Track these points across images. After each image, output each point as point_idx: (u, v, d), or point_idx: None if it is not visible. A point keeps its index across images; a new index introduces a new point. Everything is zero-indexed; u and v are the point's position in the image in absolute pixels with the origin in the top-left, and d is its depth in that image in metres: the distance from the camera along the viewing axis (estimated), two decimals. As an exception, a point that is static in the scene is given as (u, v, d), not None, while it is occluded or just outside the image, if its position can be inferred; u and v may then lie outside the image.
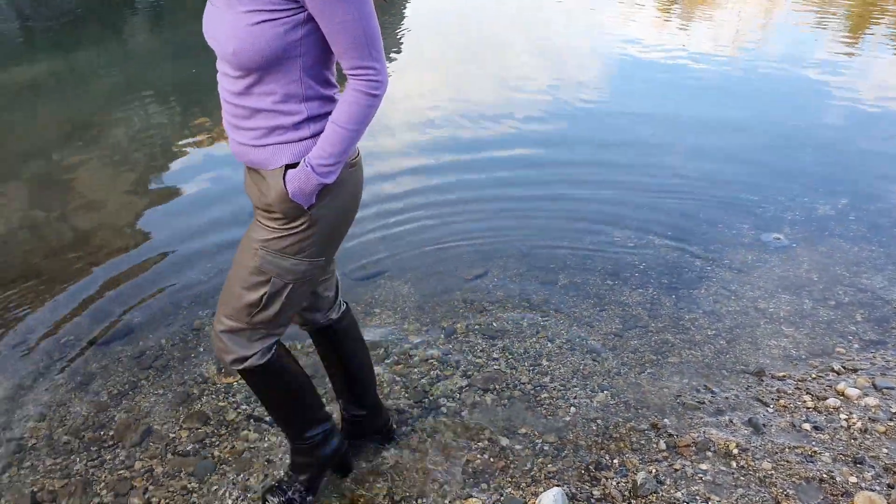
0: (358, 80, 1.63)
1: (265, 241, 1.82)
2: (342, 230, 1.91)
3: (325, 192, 1.76)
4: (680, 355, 3.03)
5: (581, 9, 12.51)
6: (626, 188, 4.66)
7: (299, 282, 1.89)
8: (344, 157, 1.71)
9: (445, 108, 6.65)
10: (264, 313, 1.90)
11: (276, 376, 2.05)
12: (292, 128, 1.71)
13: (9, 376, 3.12)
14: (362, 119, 1.67)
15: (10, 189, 5.17)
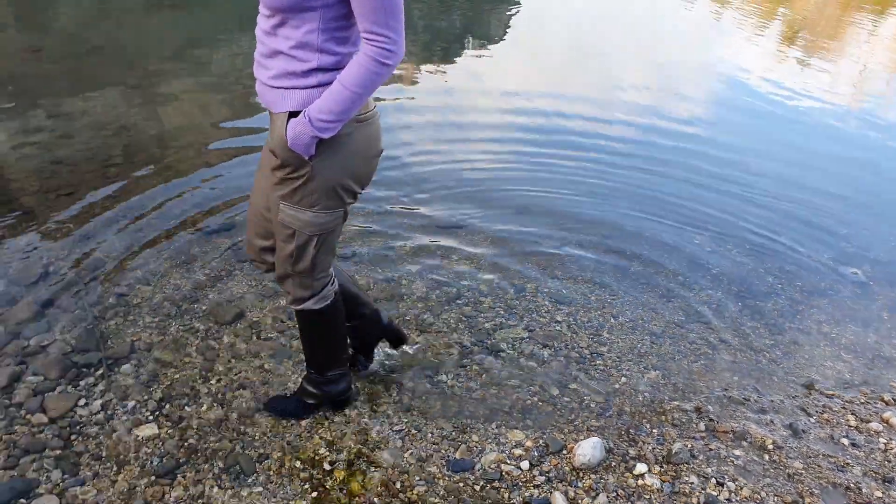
0: (371, 45, 1.68)
1: (281, 196, 1.96)
2: (352, 184, 1.96)
3: (326, 145, 1.83)
4: (735, 355, 3.14)
5: (701, 25, 12.33)
6: (716, 196, 4.73)
7: (323, 234, 2.00)
8: (344, 116, 1.76)
9: (555, 93, 6.78)
10: (301, 263, 2.06)
11: (326, 321, 2.26)
12: (301, 74, 1.80)
13: (122, 241, 3.47)
14: (367, 84, 1.71)
15: (155, 86, 5.60)
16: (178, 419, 2.47)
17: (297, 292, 2.16)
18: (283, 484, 2.24)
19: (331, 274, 2.20)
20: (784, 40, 11.51)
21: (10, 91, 5.17)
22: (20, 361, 2.66)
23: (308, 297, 2.17)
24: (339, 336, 2.35)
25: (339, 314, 2.29)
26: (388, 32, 1.66)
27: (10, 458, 2.26)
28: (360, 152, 1.92)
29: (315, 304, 2.19)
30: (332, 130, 1.78)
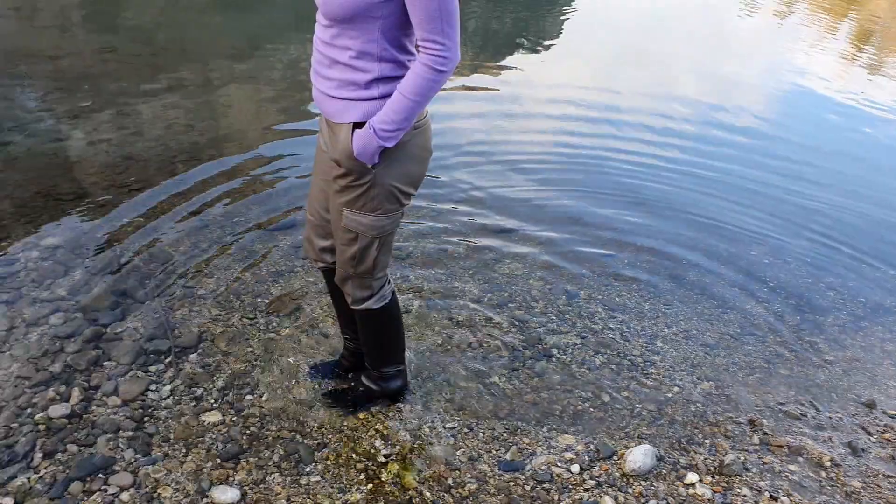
0: (426, 52, 1.72)
1: (344, 202, 2.03)
2: (409, 188, 2.04)
3: (388, 153, 1.90)
4: (791, 370, 3.11)
5: (763, 30, 12.09)
6: (776, 206, 4.67)
7: (383, 235, 2.10)
8: (406, 124, 1.82)
9: (610, 96, 6.76)
10: (363, 265, 2.15)
11: (385, 319, 2.35)
12: (363, 86, 1.85)
13: (189, 236, 3.62)
14: (425, 91, 1.76)
15: (213, 83, 5.80)
16: (240, 407, 2.58)
17: (358, 293, 2.25)
18: (340, 474, 2.32)
19: (387, 274, 2.28)
20: (853, 45, 11.20)
21: (85, 90, 5.42)
22: (96, 347, 2.82)
23: (368, 296, 2.26)
24: (395, 334, 2.44)
25: (395, 313, 2.38)
26: (444, 39, 1.70)
27: (89, 436, 2.40)
28: (416, 157, 1.99)
29: (374, 303, 2.27)
30: (395, 139, 1.85)
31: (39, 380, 2.61)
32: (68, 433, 2.40)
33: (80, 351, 2.78)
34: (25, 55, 6.12)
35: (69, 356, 2.75)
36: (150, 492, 2.22)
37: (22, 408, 2.48)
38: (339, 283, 2.29)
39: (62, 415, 2.47)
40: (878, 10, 15.27)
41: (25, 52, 6.20)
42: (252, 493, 2.23)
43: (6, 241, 3.40)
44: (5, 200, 3.75)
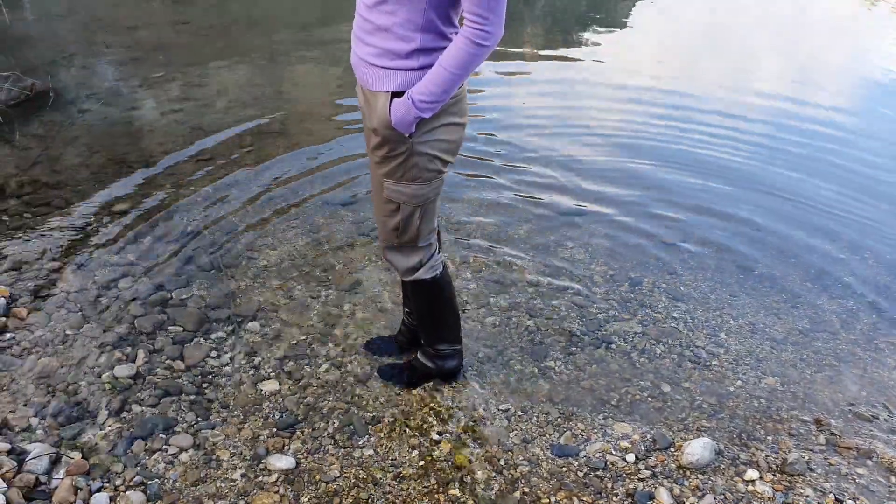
0: (470, 26, 1.70)
1: (384, 173, 2.02)
2: (447, 156, 2.02)
3: (424, 122, 1.89)
4: (864, 370, 2.97)
5: (850, 17, 11.54)
6: (854, 200, 4.44)
7: (425, 204, 2.08)
8: (445, 96, 1.81)
9: (683, 80, 6.57)
10: (406, 234, 2.13)
11: (437, 291, 2.32)
12: (404, 56, 1.82)
13: (254, 208, 3.68)
14: (465, 65, 1.75)
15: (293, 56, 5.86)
16: (298, 378, 2.62)
17: (406, 262, 2.23)
18: (393, 449, 2.33)
19: (434, 245, 2.25)
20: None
21: (160, 60, 5.56)
22: (162, 311, 2.89)
23: (417, 266, 2.23)
24: (449, 309, 2.41)
25: (447, 286, 2.35)
26: (488, 14, 1.68)
27: (152, 397, 2.47)
28: (453, 125, 1.97)
29: (426, 272, 2.25)
30: (433, 110, 1.84)
31: (107, 340, 2.71)
32: (133, 393, 2.48)
33: (146, 315, 2.86)
34: (105, 25, 6.31)
35: (136, 319, 2.83)
36: (208, 454, 2.28)
37: (90, 366, 2.58)
38: (384, 256, 2.28)
39: (127, 375, 2.55)
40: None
41: (105, 24, 6.39)
42: (306, 462, 2.27)
43: (81, 205, 3.53)
44: (81, 166, 3.88)
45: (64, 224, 3.37)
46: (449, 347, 2.50)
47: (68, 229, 3.33)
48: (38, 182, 3.70)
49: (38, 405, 2.39)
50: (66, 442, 2.26)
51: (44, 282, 2.99)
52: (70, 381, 2.50)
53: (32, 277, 3.00)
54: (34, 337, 2.68)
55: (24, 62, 5.13)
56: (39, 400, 2.41)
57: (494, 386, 2.65)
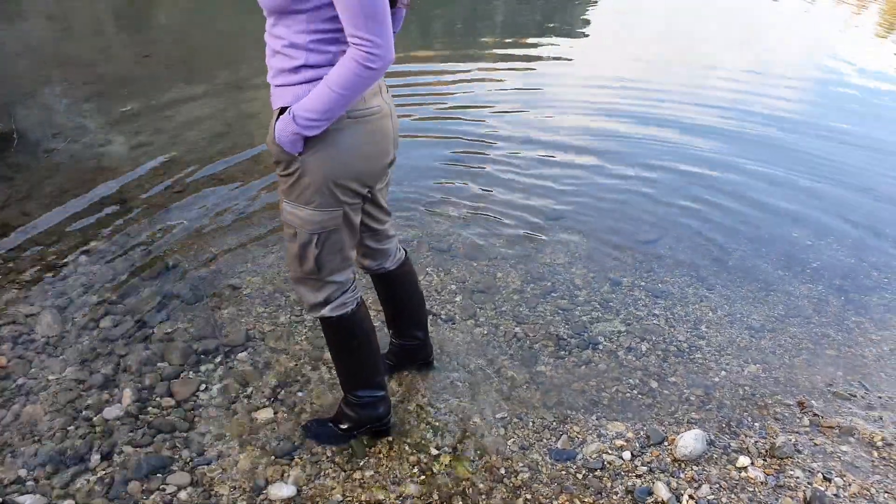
0: (354, 48, 1.66)
1: (282, 192, 1.97)
2: (349, 182, 1.90)
3: (316, 141, 1.82)
4: (839, 350, 3.08)
5: (793, 16, 11.87)
6: (815, 188, 4.60)
7: (323, 233, 1.96)
8: (328, 115, 1.74)
9: (645, 85, 6.71)
10: (306, 265, 2.02)
11: (346, 332, 2.18)
12: (291, 71, 1.79)
13: (233, 236, 3.67)
14: (351, 86, 1.69)
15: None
16: (291, 404, 2.62)
17: (310, 297, 2.12)
18: (393, 467, 2.35)
19: (347, 282, 2.13)
20: (887, 26, 10.94)
21: (124, 95, 5.52)
22: (147, 348, 2.88)
23: (324, 302, 2.12)
24: (364, 353, 2.26)
25: (359, 326, 2.20)
26: (370, 36, 1.64)
27: (146, 436, 2.46)
28: (354, 150, 1.87)
29: (331, 311, 2.13)
30: (316, 129, 1.78)
31: (93, 383, 2.68)
32: (123, 434, 2.46)
33: (132, 353, 2.84)
34: (64, 62, 6.26)
35: (121, 358, 2.81)
36: (206, 490, 2.27)
37: (77, 410, 2.55)
38: (292, 286, 2.20)
39: (117, 416, 2.53)
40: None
41: (64, 60, 6.33)
42: (307, 489, 2.27)
43: (55, 247, 3.49)
44: (52, 207, 3.84)
45: (38, 267, 3.33)
46: (369, 394, 2.33)
47: (44, 272, 3.30)
48: (8, 226, 3.65)
49: (25, 455, 2.35)
50: (57, 491, 2.24)
51: (22, 328, 2.95)
52: (57, 427, 2.47)
53: (10, 324, 2.96)
54: (16, 386, 2.65)
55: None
56: (27, 450, 2.37)
57: (488, 395, 2.69)
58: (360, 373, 2.31)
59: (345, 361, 2.30)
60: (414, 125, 5.28)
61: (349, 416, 2.40)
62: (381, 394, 2.36)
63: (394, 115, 2.00)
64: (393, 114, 1.99)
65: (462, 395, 2.67)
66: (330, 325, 2.19)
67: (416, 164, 4.58)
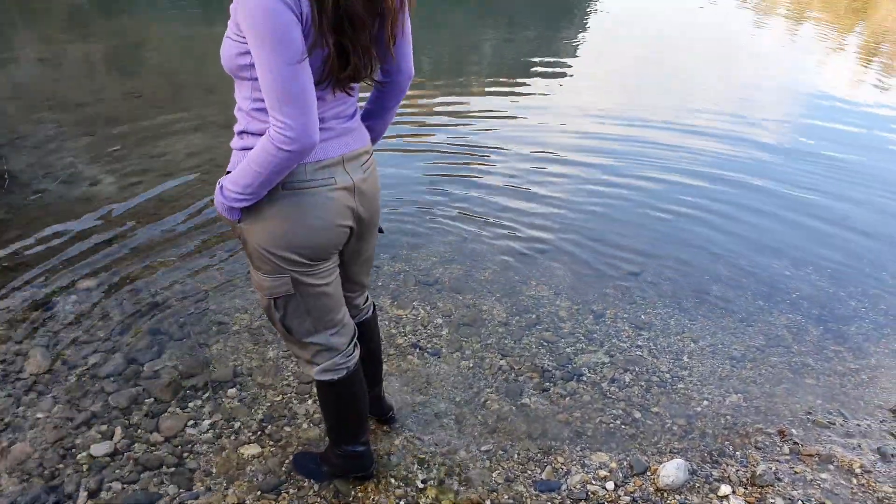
0: (271, 128, 1.62)
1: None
2: (288, 253, 1.85)
3: (249, 211, 1.80)
4: (818, 379, 3.14)
5: (775, 44, 12.16)
6: (794, 220, 4.70)
7: (280, 297, 1.93)
8: (251, 190, 1.72)
9: (630, 116, 6.85)
10: (276, 325, 2.03)
11: (335, 395, 2.19)
12: (237, 135, 1.81)
13: (220, 274, 3.72)
14: (267, 165, 1.65)
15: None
16: (278, 438, 2.65)
17: (300, 353, 2.12)
18: (380, 500, 2.37)
19: (335, 344, 2.09)
20: (864, 57, 11.23)
21: (114, 135, 5.59)
22: (135, 385, 2.90)
23: (309, 361, 2.12)
24: (351, 415, 2.27)
25: (349, 391, 2.19)
26: (284, 119, 1.58)
27: (132, 472, 2.47)
28: (286, 222, 1.81)
29: (319, 374, 2.12)
30: (244, 202, 1.77)
31: (81, 420, 2.70)
32: (112, 471, 2.47)
33: (120, 390, 2.86)
34: (55, 104, 6.33)
35: (109, 396, 2.83)
36: (195, 526, 2.28)
37: (66, 448, 2.57)
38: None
39: (105, 453, 2.55)
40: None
41: (55, 102, 6.41)
42: (295, 523, 2.29)
43: (44, 287, 3.52)
44: (42, 247, 3.88)
45: (28, 306, 3.36)
46: (351, 449, 2.35)
47: (33, 311, 3.32)
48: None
49: (13, 494, 2.36)
50: (45, 530, 2.25)
51: (10, 367, 2.97)
52: (46, 465, 2.49)
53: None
54: (3, 424, 2.66)
55: (-26, 147, 5.12)
56: (14, 489, 2.38)
57: (474, 427, 2.72)
58: (345, 431, 2.32)
59: (331, 419, 2.29)
60: (394, 157, 5.37)
61: (333, 462, 2.43)
62: (363, 449, 2.37)
63: (359, 188, 1.90)
64: (358, 188, 1.90)
65: (448, 428, 2.70)
66: (319, 387, 2.19)
67: (399, 195, 4.67)
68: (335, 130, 1.83)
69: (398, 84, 1.95)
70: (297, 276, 1.90)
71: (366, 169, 1.94)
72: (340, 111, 1.85)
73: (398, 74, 1.91)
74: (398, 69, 1.90)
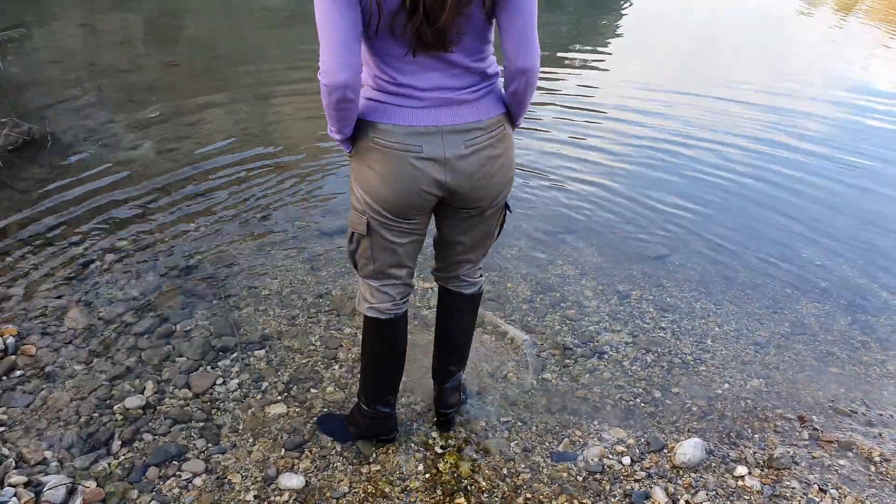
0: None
1: None
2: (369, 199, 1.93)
3: (355, 153, 1.92)
4: (843, 368, 3.12)
5: (823, 36, 11.89)
6: (830, 210, 4.64)
7: (355, 233, 2.03)
8: (332, 125, 1.83)
9: (666, 101, 6.79)
10: (349, 259, 2.14)
11: (374, 337, 2.22)
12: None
13: (253, 239, 3.80)
14: (324, 102, 1.76)
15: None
16: (303, 400, 2.72)
17: (357, 292, 2.25)
18: (399, 463, 2.44)
19: (389, 292, 2.15)
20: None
21: (153, 101, 5.70)
22: (168, 343, 3.00)
23: (362, 298, 2.20)
24: (384, 367, 2.29)
25: (388, 339, 2.23)
26: (320, 52, 1.68)
27: (163, 425, 2.56)
28: (373, 171, 1.88)
29: (365, 309, 2.19)
30: (336, 135, 1.89)
31: (116, 373, 2.80)
32: (144, 423, 2.57)
33: (153, 347, 2.96)
34: (97, 70, 6.46)
35: (142, 352, 2.93)
36: (220, 477, 2.36)
37: (101, 399, 2.67)
38: None
39: (138, 406, 2.64)
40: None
41: (97, 68, 6.54)
42: (316, 480, 2.36)
43: (83, 244, 3.63)
44: (81, 207, 3.99)
45: (67, 263, 3.47)
46: (378, 409, 2.38)
47: (72, 268, 3.44)
48: (40, 223, 3.80)
49: (51, 438, 2.47)
50: (80, 472, 2.34)
51: (51, 320, 3.08)
52: (82, 413, 2.59)
53: (39, 316, 3.09)
54: (44, 373, 2.77)
55: (20, 108, 5.25)
56: (53, 433, 2.49)
57: (495, 399, 2.77)
58: (375, 385, 2.34)
59: (366, 368, 2.33)
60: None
61: (358, 423, 2.48)
62: (388, 411, 2.41)
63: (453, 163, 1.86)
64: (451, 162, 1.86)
65: (469, 399, 2.75)
66: (364, 323, 2.24)
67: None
68: (426, 100, 1.81)
69: (507, 72, 1.84)
70: (372, 223, 1.98)
71: (472, 145, 1.86)
72: (441, 82, 1.81)
73: (506, 61, 1.82)
74: (504, 55, 1.81)
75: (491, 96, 1.89)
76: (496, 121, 1.89)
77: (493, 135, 1.89)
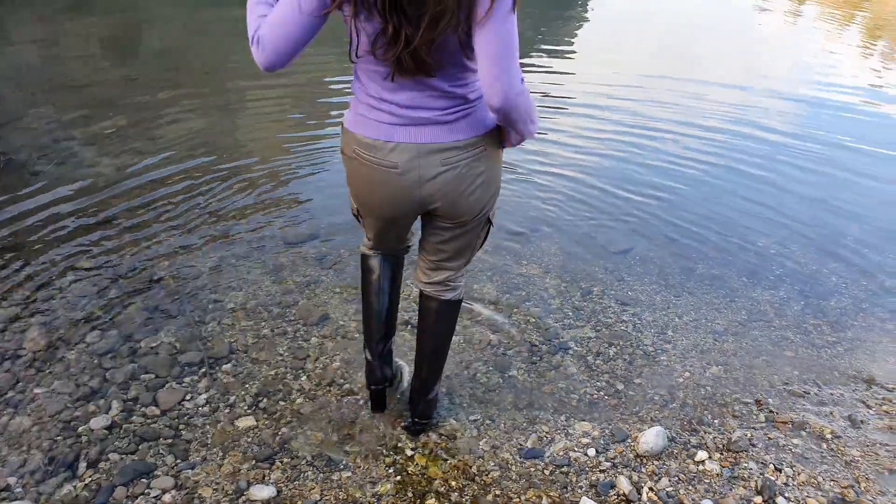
0: None
1: None
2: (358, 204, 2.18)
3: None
4: (796, 352, 3.23)
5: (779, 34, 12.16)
6: (781, 199, 4.79)
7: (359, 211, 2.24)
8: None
9: (631, 96, 6.90)
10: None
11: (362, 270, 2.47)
12: None
13: (216, 252, 3.79)
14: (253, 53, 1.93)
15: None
16: (272, 412, 2.73)
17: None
18: (370, 468, 2.46)
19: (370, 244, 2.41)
20: (866, 43, 11.25)
21: (110, 116, 5.64)
22: (132, 361, 2.98)
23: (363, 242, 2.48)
24: (367, 303, 2.48)
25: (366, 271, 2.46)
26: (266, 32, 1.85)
27: (131, 444, 2.55)
28: (358, 180, 2.05)
29: (361, 249, 2.48)
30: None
31: (80, 395, 2.76)
32: (110, 443, 2.55)
33: (118, 366, 2.94)
34: (51, 86, 6.36)
35: (107, 371, 2.90)
36: (190, 493, 2.36)
37: (65, 421, 2.64)
38: None
39: (103, 426, 2.61)
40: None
41: (51, 84, 6.44)
42: (287, 490, 2.37)
43: (42, 266, 3.59)
44: (39, 227, 3.94)
45: (27, 285, 3.42)
46: (366, 352, 2.55)
47: (29, 289, 3.39)
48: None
49: (14, 464, 2.43)
50: (45, 497, 2.31)
51: (10, 344, 3.04)
52: (45, 437, 2.56)
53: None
54: (4, 399, 2.73)
55: (-30, 129, 5.16)
56: (15, 459, 2.45)
57: (463, 398, 2.81)
58: (365, 326, 2.53)
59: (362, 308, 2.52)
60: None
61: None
62: (370, 359, 2.54)
63: (429, 181, 1.93)
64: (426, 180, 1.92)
65: (438, 399, 2.78)
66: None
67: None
68: (402, 118, 1.86)
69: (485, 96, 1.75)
70: (362, 215, 2.23)
71: (449, 164, 1.90)
72: (421, 102, 1.84)
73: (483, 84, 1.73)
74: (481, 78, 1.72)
75: (470, 119, 1.89)
76: (475, 141, 1.91)
77: (472, 154, 1.91)
